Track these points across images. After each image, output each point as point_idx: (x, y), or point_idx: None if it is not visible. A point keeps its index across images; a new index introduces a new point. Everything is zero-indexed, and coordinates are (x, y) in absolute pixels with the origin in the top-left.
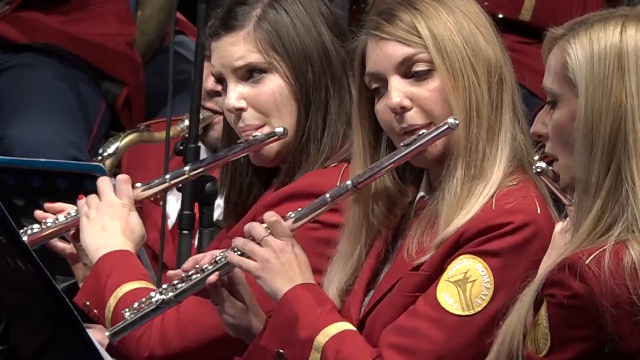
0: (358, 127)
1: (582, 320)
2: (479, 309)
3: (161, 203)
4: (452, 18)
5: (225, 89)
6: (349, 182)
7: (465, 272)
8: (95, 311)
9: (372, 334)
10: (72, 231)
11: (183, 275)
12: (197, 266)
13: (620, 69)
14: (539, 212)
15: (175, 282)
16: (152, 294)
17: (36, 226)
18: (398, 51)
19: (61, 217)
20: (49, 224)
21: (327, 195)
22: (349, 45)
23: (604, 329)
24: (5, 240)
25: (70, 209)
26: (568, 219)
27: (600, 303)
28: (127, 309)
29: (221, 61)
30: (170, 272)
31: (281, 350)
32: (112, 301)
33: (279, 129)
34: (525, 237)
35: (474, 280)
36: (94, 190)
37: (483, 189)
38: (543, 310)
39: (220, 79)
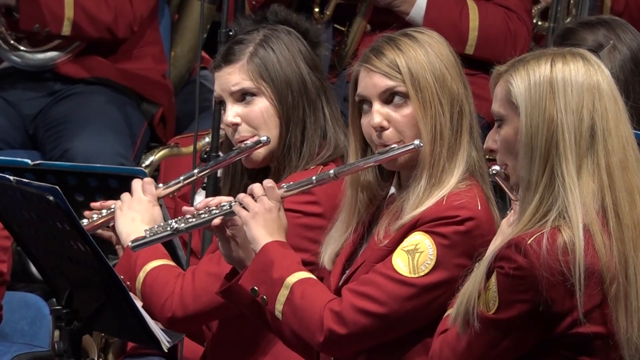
0: (351, 133)
1: (524, 287)
2: (422, 274)
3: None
4: (427, 58)
5: (224, 109)
6: (331, 172)
7: (416, 245)
8: (128, 283)
9: None
10: (112, 223)
11: (195, 212)
12: (207, 207)
13: (551, 93)
14: (479, 208)
15: (188, 216)
16: (170, 221)
17: (85, 220)
18: (382, 82)
19: (104, 212)
20: (94, 217)
21: (314, 178)
22: (324, 76)
23: (540, 294)
24: (69, 228)
25: (111, 205)
26: (512, 211)
27: (539, 274)
28: (147, 229)
29: (221, 87)
30: (185, 208)
31: (255, 287)
32: (141, 275)
33: (263, 138)
34: (468, 228)
35: (422, 252)
36: None
37: (439, 193)
38: (493, 279)
39: (221, 101)
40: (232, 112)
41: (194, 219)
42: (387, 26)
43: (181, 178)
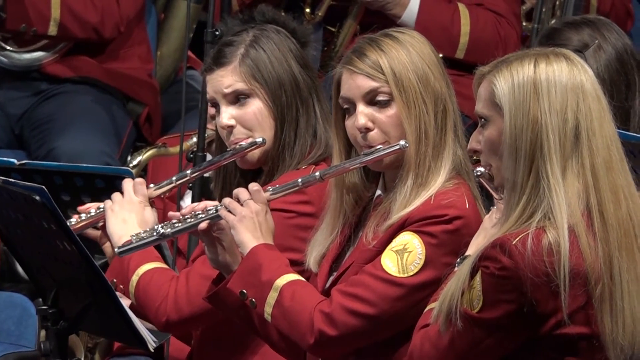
0: (335, 135)
1: (509, 287)
2: (411, 273)
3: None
4: (409, 58)
5: (218, 111)
6: (317, 174)
7: (405, 245)
8: (121, 286)
9: None
10: (101, 223)
11: (181, 217)
12: (193, 212)
13: (535, 94)
14: (467, 207)
15: (174, 221)
16: (155, 226)
17: (73, 220)
18: (365, 84)
19: (92, 211)
20: (83, 217)
21: (299, 180)
22: (315, 74)
23: (525, 295)
24: (55, 227)
25: (100, 204)
26: (495, 207)
27: (524, 274)
28: (134, 234)
29: (214, 89)
30: (171, 213)
31: (244, 290)
32: (134, 278)
33: (259, 139)
34: (457, 227)
35: (411, 251)
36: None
37: (426, 193)
38: (478, 278)
39: (214, 104)
40: (227, 115)
41: (180, 224)
42: (378, 29)
43: (173, 178)
